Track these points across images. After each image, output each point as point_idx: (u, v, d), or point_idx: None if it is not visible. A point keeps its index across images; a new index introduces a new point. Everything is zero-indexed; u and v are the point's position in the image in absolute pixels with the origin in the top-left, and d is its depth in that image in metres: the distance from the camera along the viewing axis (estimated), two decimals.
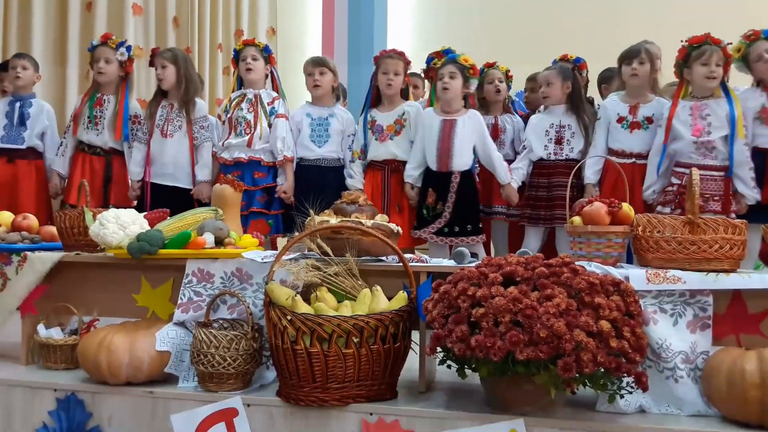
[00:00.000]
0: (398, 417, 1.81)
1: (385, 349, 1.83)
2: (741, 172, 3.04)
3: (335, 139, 3.55)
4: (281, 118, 3.56)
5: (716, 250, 1.84)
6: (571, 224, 2.04)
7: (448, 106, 3.36)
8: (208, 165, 3.60)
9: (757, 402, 1.64)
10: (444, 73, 3.33)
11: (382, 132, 3.47)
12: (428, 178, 3.37)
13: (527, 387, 1.71)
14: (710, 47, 3.02)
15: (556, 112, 3.46)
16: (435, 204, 3.32)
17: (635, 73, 3.25)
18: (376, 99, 3.57)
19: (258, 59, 3.61)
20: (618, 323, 1.63)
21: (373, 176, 3.50)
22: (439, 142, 3.32)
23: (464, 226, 3.29)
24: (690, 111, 3.09)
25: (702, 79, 3.05)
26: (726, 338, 1.89)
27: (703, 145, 3.04)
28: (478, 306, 1.68)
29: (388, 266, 2.06)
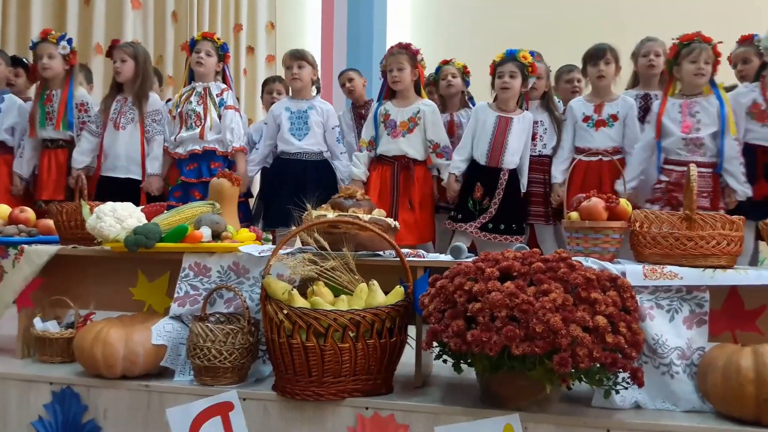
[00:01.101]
0: (394, 411, 1.81)
1: (381, 343, 1.83)
2: (732, 168, 3.05)
3: (316, 131, 3.57)
4: (230, 109, 3.58)
5: (713, 246, 1.84)
6: (568, 219, 2.04)
7: (505, 104, 3.36)
8: (158, 158, 3.61)
9: (752, 398, 1.63)
10: (504, 71, 3.33)
11: (395, 128, 3.46)
12: (476, 173, 3.38)
13: (523, 382, 1.71)
14: (700, 45, 3.04)
15: (529, 108, 3.47)
16: (482, 199, 3.32)
17: (602, 74, 3.30)
18: (390, 93, 3.56)
19: (212, 55, 3.63)
20: (614, 319, 1.63)
21: (382, 171, 3.49)
22: (492, 137, 3.32)
23: (510, 225, 3.30)
24: (679, 108, 3.10)
25: (691, 76, 3.06)
26: (722, 334, 1.89)
27: (692, 142, 3.05)
28: (474, 301, 1.68)
29: (385, 261, 2.06)
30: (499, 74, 3.33)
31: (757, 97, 3.13)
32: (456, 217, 3.35)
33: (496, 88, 3.36)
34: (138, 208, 2.25)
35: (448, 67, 3.85)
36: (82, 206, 2.25)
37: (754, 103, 3.13)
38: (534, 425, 1.72)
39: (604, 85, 3.37)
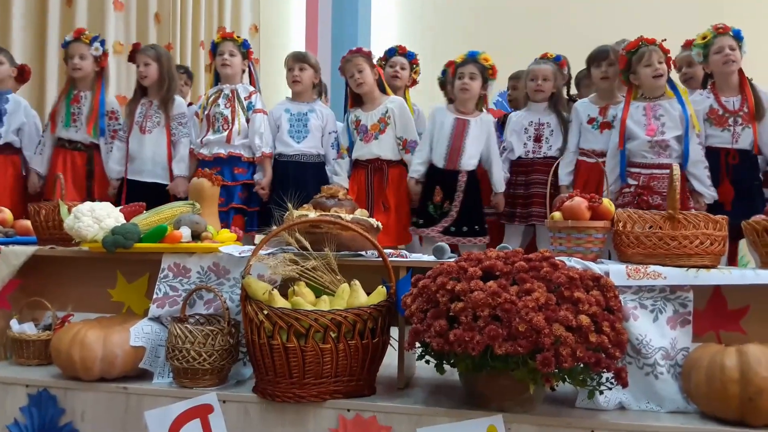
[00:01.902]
0: (376, 413, 1.79)
1: (363, 344, 1.81)
2: (697, 171, 3.08)
3: (315, 134, 3.54)
4: (259, 113, 3.55)
5: (697, 246, 1.83)
6: (551, 219, 2.03)
7: (464, 106, 3.35)
8: (184, 160, 3.57)
9: (736, 397, 1.63)
10: (464, 72, 3.32)
11: (367, 132, 3.45)
12: (434, 176, 3.36)
13: (506, 382, 1.69)
14: (648, 47, 3.07)
15: (536, 110, 3.47)
16: (442, 202, 3.30)
17: (605, 75, 3.30)
18: (355, 99, 3.55)
19: (235, 55, 3.60)
20: (597, 318, 1.62)
21: (358, 175, 3.49)
22: (450, 140, 3.31)
23: (472, 226, 3.29)
24: (644, 111, 3.13)
25: (650, 80, 3.10)
26: (706, 335, 1.89)
27: (658, 144, 3.08)
28: (457, 300, 1.66)
29: (368, 261, 2.04)
30: (459, 75, 3.32)
31: (712, 103, 3.17)
32: (418, 222, 3.34)
33: (456, 89, 3.34)
34: (116, 208, 2.21)
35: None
36: (59, 206, 2.21)
37: (712, 109, 3.17)
38: (517, 426, 1.71)
39: (608, 86, 3.36)
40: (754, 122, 3.11)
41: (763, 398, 1.60)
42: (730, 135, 3.13)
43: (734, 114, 3.14)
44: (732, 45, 3.13)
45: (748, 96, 3.13)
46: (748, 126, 3.12)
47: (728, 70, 3.14)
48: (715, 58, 3.15)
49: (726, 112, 3.15)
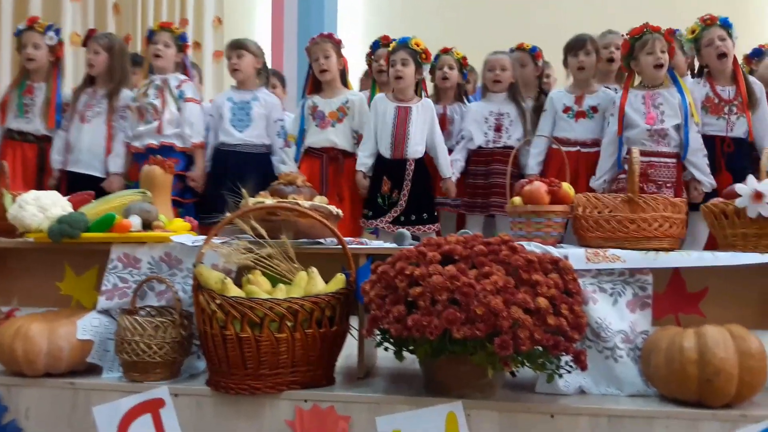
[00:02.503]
0: (334, 403, 1.74)
1: (321, 333, 1.76)
2: (696, 160, 3.08)
3: (258, 123, 3.47)
4: (190, 102, 3.47)
5: (656, 229, 1.83)
6: (511, 204, 2.00)
7: (402, 93, 3.32)
8: (120, 156, 3.49)
9: (694, 379, 1.62)
10: (396, 59, 3.28)
11: (324, 118, 3.39)
12: (381, 166, 3.32)
13: (465, 368, 1.66)
14: (652, 35, 3.07)
15: (496, 100, 3.47)
16: (390, 192, 3.27)
17: (582, 65, 3.30)
18: (315, 86, 3.49)
19: (170, 46, 3.52)
20: (556, 301, 1.59)
21: (311, 164, 3.42)
22: (393, 129, 3.27)
23: (420, 215, 3.26)
24: (643, 100, 3.13)
25: (650, 68, 3.09)
26: (665, 318, 1.88)
27: (657, 133, 3.08)
28: (415, 285, 1.62)
29: (327, 249, 1.99)
30: (392, 63, 3.29)
31: (708, 92, 3.18)
32: (367, 214, 3.31)
33: (390, 78, 3.32)
34: (64, 198, 2.12)
35: (446, 57, 3.67)
36: (3, 195, 2.11)
37: (707, 98, 3.17)
38: (477, 412, 1.68)
39: (585, 76, 3.36)
40: (748, 111, 3.13)
41: (721, 379, 1.60)
42: (725, 123, 3.14)
43: (729, 103, 3.15)
44: (721, 35, 3.14)
45: (741, 86, 3.15)
46: (742, 115, 3.14)
47: (723, 65, 3.15)
48: (708, 51, 3.16)
49: (721, 101, 3.16)
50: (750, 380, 1.62)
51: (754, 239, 1.81)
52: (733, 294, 1.86)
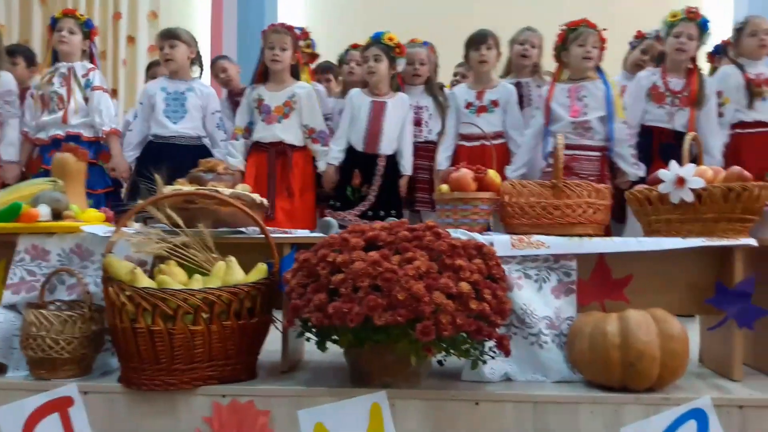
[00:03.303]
0: (253, 397, 1.67)
1: (240, 325, 1.69)
2: (621, 150, 3.14)
3: (193, 114, 3.38)
4: (98, 90, 3.37)
5: (579, 215, 1.83)
6: (438, 192, 1.97)
7: (377, 88, 3.28)
8: (14, 144, 3.35)
9: (618, 363, 1.62)
10: (368, 55, 3.26)
11: (270, 113, 3.32)
12: (353, 160, 3.28)
13: (389, 357, 1.62)
14: (587, 29, 3.12)
15: (414, 94, 3.47)
16: (361, 186, 3.22)
17: (484, 59, 3.32)
18: (263, 76, 3.41)
19: (75, 33, 3.41)
20: (479, 286, 1.56)
21: (258, 158, 3.34)
22: (368, 123, 3.23)
23: (388, 211, 3.22)
24: (567, 93, 3.17)
25: (579, 60, 3.14)
26: (591, 304, 1.88)
27: (581, 126, 3.12)
28: (338, 272, 1.57)
29: (249, 239, 1.91)
30: (364, 59, 3.29)
31: (657, 80, 3.25)
32: (335, 206, 3.27)
33: (363, 73, 3.30)
34: None
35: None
36: None
37: (654, 86, 3.24)
38: (402, 402, 1.63)
39: (486, 70, 3.40)
40: (693, 107, 3.18)
41: (644, 363, 1.60)
42: (665, 113, 3.20)
43: (674, 94, 3.21)
44: (692, 34, 3.20)
45: (693, 82, 3.20)
46: (684, 109, 3.19)
47: (677, 58, 3.22)
48: (671, 41, 3.23)
49: (667, 90, 3.22)
50: (672, 363, 1.63)
51: (677, 224, 1.82)
52: (658, 280, 1.87)
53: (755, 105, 3.20)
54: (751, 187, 1.75)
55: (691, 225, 1.79)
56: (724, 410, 1.62)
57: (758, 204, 1.78)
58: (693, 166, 1.78)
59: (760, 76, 3.23)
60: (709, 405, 1.61)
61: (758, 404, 1.62)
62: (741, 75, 3.23)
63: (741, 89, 3.22)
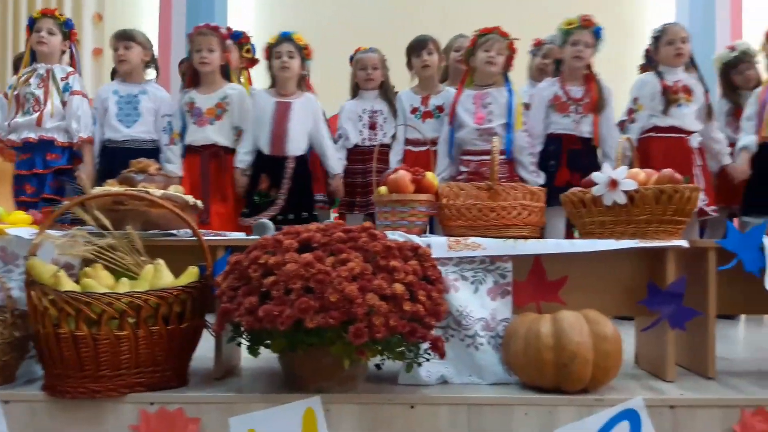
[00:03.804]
0: (183, 405, 1.62)
1: (169, 330, 1.64)
2: (521, 158, 3.21)
3: (147, 118, 3.30)
4: (77, 95, 3.28)
5: (515, 217, 1.84)
6: (377, 194, 1.96)
7: (285, 87, 3.23)
8: None
9: (551, 364, 1.63)
10: (281, 51, 3.21)
11: (201, 116, 3.26)
12: (260, 163, 3.23)
13: (324, 361, 1.59)
14: (495, 36, 3.17)
15: (368, 98, 3.47)
16: (268, 190, 3.16)
17: (426, 64, 3.36)
18: (194, 80, 3.35)
19: (55, 33, 3.32)
20: (414, 287, 1.55)
21: (191, 162, 3.28)
22: (273, 125, 3.19)
23: (299, 214, 3.17)
24: (473, 100, 3.23)
25: (483, 64, 3.19)
26: (527, 306, 1.89)
27: (486, 132, 3.16)
28: (270, 275, 1.54)
29: (182, 241, 1.86)
30: (277, 54, 3.23)
31: (557, 90, 3.31)
32: (245, 212, 3.21)
33: (276, 69, 3.25)
34: None
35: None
36: None
37: (555, 96, 3.30)
38: (336, 406, 1.61)
39: (429, 75, 3.42)
40: (596, 113, 3.26)
41: (577, 364, 1.61)
42: (571, 122, 3.26)
43: (576, 102, 3.27)
44: (588, 42, 3.26)
45: (592, 88, 3.28)
46: (587, 115, 3.26)
47: (575, 65, 3.29)
48: (569, 49, 3.29)
49: (569, 99, 3.28)
50: (605, 364, 1.65)
51: (611, 226, 1.85)
52: (592, 281, 1.90)
53: (670, 111, 3.28)
54: (682, 190, 1.78)
55: (624, 227, 1.82)
56: (656, 410, 1.63)
57: (689, 206, 1.82)
58: (625, 169, 1.80)
59: (677, 84, 3.31)
60: (641, 406, 1.63)
61: (689, 404, 1.65)
62: (658, 82, 3.30)
63: (657, 96, 3.29)
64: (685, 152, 3.25)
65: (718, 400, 1.66)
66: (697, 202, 1.83)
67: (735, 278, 1.85)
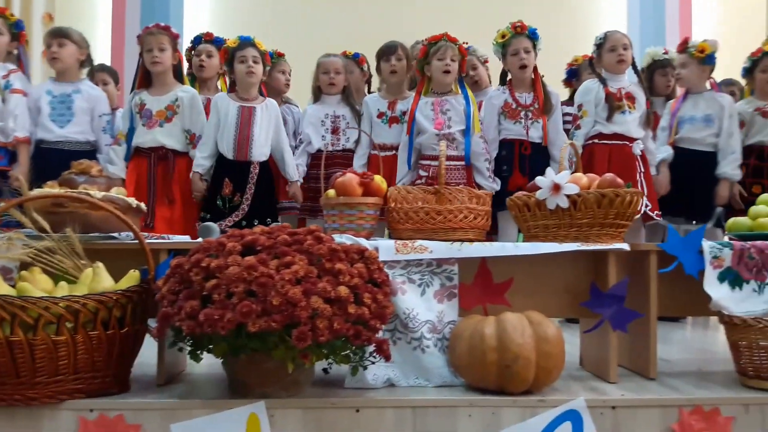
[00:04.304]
0: (123, 411, 1.58)
1: (109, 335, 1.60)
2: (478, 164, 3.25)
3: (81, 118, 3.24)
4: (17, 93, 3.19)
5: (461, 220, 1.85)
6: (325, 197, 1.96)
7: (248, 92, 3.22)
8: None
9: (495, 366, 1.64)
10: (247, 56, 3.19)
11: (151, 117, 3.21)
12: (224, 168, 3.18)
13: (268, 366, 1.57)
14: (446, 43, 3.21)
15: (331, 103, 3.47)
16: (232, 195, 3.13)
17: (394, 69, 3.38)
18: (145, 80, 3.30)
19: (2, 33, 3.22)
20: (359, 290, 1.55)
21: (139, 164, 3.21)
22: (236, 129, 3.14)
23: (263, 220, 3.13)
24: (432, 106, 3.26)
25: (439, 73, 3.22)
26: (474, 309, 1.90)
27: (445, 137, 3.20)
28: (212, 278, 1.52)
29: (124, 245, 1.83)
30: (242, 59, 3.20)
31: (507, 98, 3.36)
32: (204, 217, 3.16)
33: (241, 74, 3.22)
34: None
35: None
36: None
37: (506, 103, 3.35)
38: (281, 411, 1.59)
39: (397, 80, 3.43)
40: (544, 118, 3.32)
41: (519, 365, 1.63)
42: (522, 127, 3.31)
43: (526, 108, 3.33)
44: (527, 47, 3.31)
45: (539, 93, 3.33)
46: (537, 120, 3.32)
47: (522, 75, 3.34)
48: (511, 60, 3.34)
49: (519, 106, 3.33)
50: (547, 365, 1.67)
51: (554, 230, 1.88)
52: (537, 283, 1.93)
53: (614, 118, 3.35)
54: (623, 194, 1.82)
55: (567, 230, 1.85)
56: (597, 411, 1.66)
57: (630, 210, 1.86)
58: (568, 173, 1.84)
59: (620, 90, 3.39)
60: (583, 406, 1.65)
61: (629, 404, 1.68)
62: (602, 89, 3.38)
63: (601, 103, 3.37)
64: (628, 159, 3.33)
65: (657, 400, 1.69)
66: (638, 207, 1.87)
67: (676, 280, 1.90)
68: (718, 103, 3.53)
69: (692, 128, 3.52)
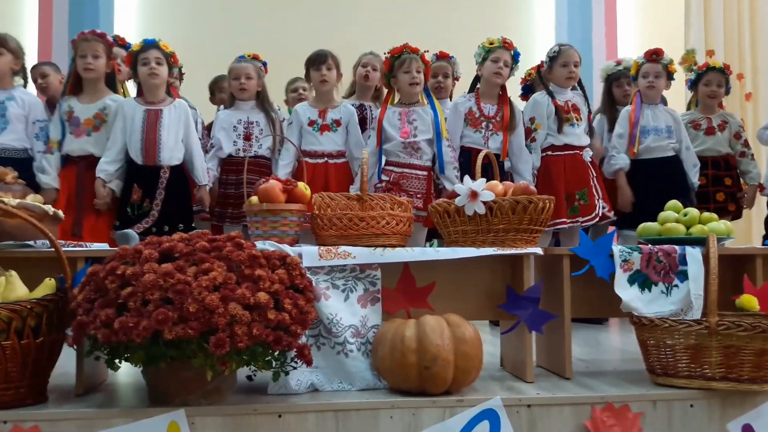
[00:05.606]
0: (39, 422, 1.55)
1: (23, 345, 1.57)
2: (448, 173, 3.30)
3: (16, 125, 3.15)
4: None
5: (383, 226, 1.89)
6: (248, 203, 1.97)
7: (153, 95, 3.17)
8: None
9: (415, 366, 1.68)
10: (149, 57, 3.15)
11: (79, 125, 3.15)
12: (132, 173, 3.13)
13: (188, 373, 1.57)
14: (409, 55, 3.26)
15: (244, 108, 3.47)
16: (141, 201, 3.07)
17: (324, 79, 3.41)
18: (76, 87, 3.22)
19: None
20: (280, 296, 1.57)
21: (68, 173, 3.15)
22: (143, 133, 3.10)
23: (175, 225, 3.07)
24: (399, 116, 3.31)
25: (406, 86, 3.28)
26: (398, 313, 1.94)
27: (410, 146, 3.25)
28: (128, 286, 1.51)
29: (40, 253, 1.79)
30: (144, 61, 3.16)
31: (472, 106, 3.44)
32: (116, 225, 3.11)
33: (144, 76, 3.18)
34: None
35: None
36: None
37: (470, 111, 3.43)
38: (201, 419, 1.59)
39: (327, 89, 3.45)
40: (506, 132, 3.41)
41: (438, 366, 1.67)
42: (482, 137, 3.40)
43: (488, 119, 3.41)
44: (507, 61, 3.40)
45: (505, 108, 3.42)
46: (497, 133, 3.40)
47: (494, 81, 3.42)
48: (489, 65, 3.41)
49: (482, 116, 3.41)
50: (466, 366, 1.72)
51: (473, 235, 1.94)
52: (457, 287, 1.98)
53: (564, 129, 3.49)
54: (536, 200, 1.90)
55: (485, 236, 1.92)
56: (513, 410, 1.72)
57: (543, 216, 1.94)
58: (483, 181, 1.90)
59: (567, 103, 3.53)
60: (499, 405, 1.71)
61: (544, 403, 1.74)
62: (551, 101, 3.50)
63: (551, 115, 3.49)
64: (581, 167, 3.46)
65: (570, 398, 1.76)
66: (551, 213, 1.95)
67: (590, 283, 1.99)
68: (671, 115, 3.71)
69: (658, 138, 3.64)
